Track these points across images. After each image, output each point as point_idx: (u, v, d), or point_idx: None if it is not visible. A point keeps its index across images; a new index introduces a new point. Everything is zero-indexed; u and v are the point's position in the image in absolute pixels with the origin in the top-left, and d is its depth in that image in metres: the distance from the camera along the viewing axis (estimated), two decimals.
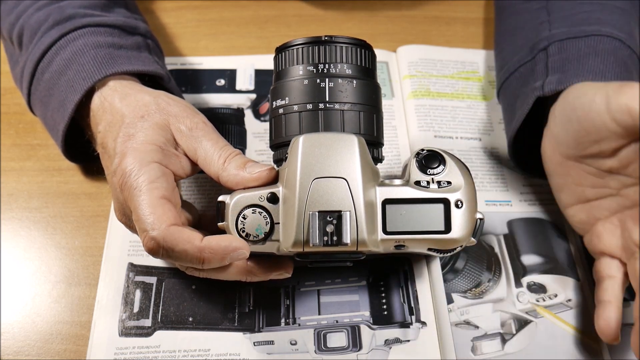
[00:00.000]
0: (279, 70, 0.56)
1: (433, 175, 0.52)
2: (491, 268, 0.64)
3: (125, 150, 0.53)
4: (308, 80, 0.53)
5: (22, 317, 0.60)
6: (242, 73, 0.78)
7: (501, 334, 0.60)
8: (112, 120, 0.57)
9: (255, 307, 0.61)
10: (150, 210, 0.50)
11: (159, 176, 0.52)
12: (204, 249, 0.49)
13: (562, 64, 0.63)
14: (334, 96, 0.53)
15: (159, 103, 0.57)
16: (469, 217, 0.51)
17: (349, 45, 0.54)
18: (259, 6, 0.86)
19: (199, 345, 0.58)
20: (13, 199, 0.68)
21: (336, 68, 0.54)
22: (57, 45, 0.62)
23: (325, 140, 0.50)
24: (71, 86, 0.60)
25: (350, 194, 0.49)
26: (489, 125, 0.75)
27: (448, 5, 0.87)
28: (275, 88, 0.55)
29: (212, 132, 0.57)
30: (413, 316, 0.60)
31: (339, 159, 0.49)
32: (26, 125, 0.73)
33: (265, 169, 0.53)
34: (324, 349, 0.58)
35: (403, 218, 0.50)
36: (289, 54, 0.55)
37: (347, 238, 0.48)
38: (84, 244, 0.65)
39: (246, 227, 0.51)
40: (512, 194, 0.69)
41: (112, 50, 0.62)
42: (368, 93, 0.54)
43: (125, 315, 0.59)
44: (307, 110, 0.53)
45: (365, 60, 0.55)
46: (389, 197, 0.51)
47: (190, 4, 0.86)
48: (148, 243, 0.50)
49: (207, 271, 0.54)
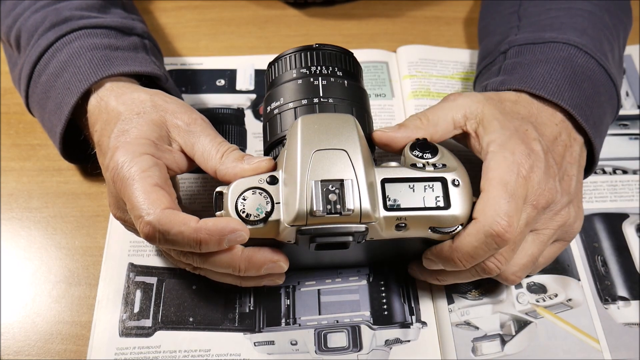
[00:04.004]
0: (272, 79, 0.58)
1: (428, 159, 0.53)
2: None
3: (117, 144, 0.53)
4: (302, 80, 0.55)
5: (22, 317, 0.60)
6: (242, 73, 0.78)
7: (500, 335, 0.60)
8: (107, 119, 0.57)
9: (256, 307, 0.61)
10: (144, 196, 0.50)
11: (151, 166, 0.52)
12: (200, 229, 0.48)
13: (512, 67, 0.64)
14: (327, 92, 0.55)
15: (155, 101, 0.57)
16: (466, 195, 0.52)
17: (336, 52, 0.58)
18: (259, 6, 0.86)
19: (200, 345, 0.58)
20: (13, 199, 0.68)
21: (327, 69, 0.56)
22: (53, 47, 0.62)
23: (324, 119, 0.51)
24: (67, 88, 0.60)
25: (351, 163, 0.49)
26: None
27: (448, 5, 0.88)
28: (269, 94, 0.56)
29: (209, 128, 0.57)
30: (413, 316, 0.60)
31: (338, 133, 0.50)
32: (26, 125, 0.73)
33: (264, 159, 0.52)
34: (325, 349, 0.58)
35: (403, 195, 0.51)
36: (282, 63, 0.58)
37: (351, 204, 0.48)
38: (84, 244, 0.65)
39: (246, 208, 0.50)
40: None
41: (109, 52, 0.62)
42: (358, 94, 0.57)
43: (125, 316, 0.59)
44: (302, 105, 0.54)
45: (350, 65, 0.58)
46: (387, 176, 0.51)
47: (190, 4, 0.86)
48: (144, 229, 0.49)
49: (205, 269, 0.54)
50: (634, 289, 0.62)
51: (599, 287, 0.63)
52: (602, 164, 0.72)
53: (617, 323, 0.61)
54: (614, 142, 0.74)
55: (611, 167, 0.71)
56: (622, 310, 0.61)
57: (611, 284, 0.63)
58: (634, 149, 0.73)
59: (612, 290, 0.63)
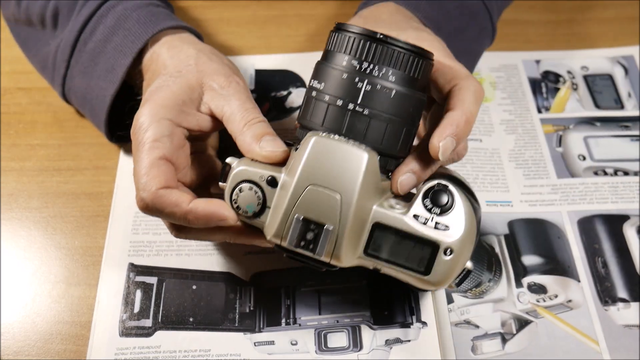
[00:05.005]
0: (328, 50, 0.53)
1: (435, 214, 0.50)
2: (492, 268, 0.64)
3: (147, 99, 0.55)
4: (347, 75, 0.50)
5: (22, 317, 0.60)
6: (242, 73, 0.77)
7: (501, 334, 0.60)
8: (155, 69, 0.59)
9: (256, 308, 0.61)
10: (145, 170, 0.52)
11: (165, 135, 0.53)
12: (190, 212, 0.51)
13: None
14: (366, 100, 0.50)
15: (199, 58, 0.58)
16: (454, 267, 0.49)
17: (403, 50, 0.50)
18: (259, 6, 0.86)
19: (200, 345, 0.58)
20: (13, 199, 0.68)
21: (380, 71, 0.50)
22: (98, 14, 0.63)
23: (335, 149, 0.48)
24: (120, 51, 0.61)
25: (339, 210, 0.48)
26: (490, 126, 0.75)
27: None
28: (319, 67, 0.53)
29: (243, 91, 0.57)
30: (414, 316, 0.60)
31: (341, 173, 0.48)
32: (26, 125, 0.73)
33: (278, 151, 0.52)
34: (325, 349, 0.58)
35: (387, 246, 0.50)
36: (341, 38, 0.51)
37: (322, 252, 0.48)
38: (84, 244, 0.65)
39: (239, 201, 0.51)
40: (512, 194, 0.69)
41: (152, 8, 0.64)
42: (404, 106, 0.51)
43: (125, 316, 0.59)
44: (335, 106, 0.50)
45: (415, 70, 0.51)
46: (382, 221, 0.49)
47: (190, 4, 0.86)
48: (139, 202, 0.52)
49: (194, 233, 0.55)
50: (634, 291, 0.62)
51: (599, 289, 0.63)
52: (603, 165, 0.72)
53: (617, 325, 0.61)
54: (615, 143, 0.74)
55: (612, 169, 0.71)
56: (622, 312, 0.61)
57: (611, 285, 0.63)
58: (635, 150, 0.73)
59: (612, 292, 0.63)
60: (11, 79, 0.77)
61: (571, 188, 0.70)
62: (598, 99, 0.78)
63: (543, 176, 0.71)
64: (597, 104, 0.78)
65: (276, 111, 0.75)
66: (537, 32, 0.85)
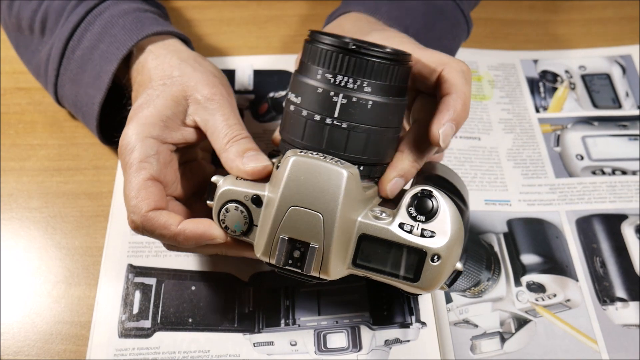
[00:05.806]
0: (303, 61, 0.52)
1: (420, 222, 0.49)
2: (490, 267, 0.64)
3: (132, 117, 0.55)
4: (322, 89, 0.49)
5: (22, 317, 0.60)
6: (241, 73, 0.78)
7: (500, 333, 0.60)
8: (141, 81, 0.59)
9: (255, 308, 0.61)
10: (135, 193, 0.52)
11: (151, 154, 0.53)
12: (179, 234, 0.51)
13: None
14: (343, 114, 0.49)
15: (183, 68, 0.58)
16: (442, 271, 0.49)
17: (378, 60, 0.49)
18: (259, 6, 0.86)
19: (199, 346, 0.58)
20: (13, 199, 0.68)
21: (355, 83, 0.49)
22: (85, 21, 0.63)
23: (314, 169, 0.48)
24: (106, 58, 0.61)
25: (322, 229, 0.48)
26: (488, 125, 0.75)
27: None
28: (295, 79, 0.52)
29: (226, 106, 0.57)
30: (413, 316, 0.60)
31: (321, 192, 0.48)
32: (26, 125, 0.73)
33: (260, 166, 0.52)
34: (324, 350, 0.58)
35: (375, 256, 0.49)
36: (314, 50, 0.50)
37: (310, 269, 0.48)
38: (84, 244, 0.65)
39: (226, 221, 0.51)
40: (511, 193, 0.69)
41: (139, 13, 0.63)
42: (383, 115, 0.50)
43: (125, 317, 0.59)
44: (314, 120, 0.50)
45: (391, 77, 0.50)
46: (367, 233, 0.49)
47: (190, 4, 0.86)
48: (130, 224, 0.53)
49: (185, 249, 0.56)
50: (632, 290, 0.62)
51: (597, 288, 0.63)
52: (601, 164, 0.72)
53: (615, 324, 0.61)
54: (613, 142, 0.74)
55: (610, 168, 0.72)
56: (621, 312, 0.61)
57: (610, 285, 0.63)
58: (633, 149, 0.73)
59: (611, 291, 0.63)
60: (11, 79, 0.77)
61: (569, 188, 0.70)
62: (596, 99, 0.78)
63: (541, 175, 0.71)
64: (594, 103, 0.78)
65: (274, 112, 0.75)
66: (535, 32, 0.85)
